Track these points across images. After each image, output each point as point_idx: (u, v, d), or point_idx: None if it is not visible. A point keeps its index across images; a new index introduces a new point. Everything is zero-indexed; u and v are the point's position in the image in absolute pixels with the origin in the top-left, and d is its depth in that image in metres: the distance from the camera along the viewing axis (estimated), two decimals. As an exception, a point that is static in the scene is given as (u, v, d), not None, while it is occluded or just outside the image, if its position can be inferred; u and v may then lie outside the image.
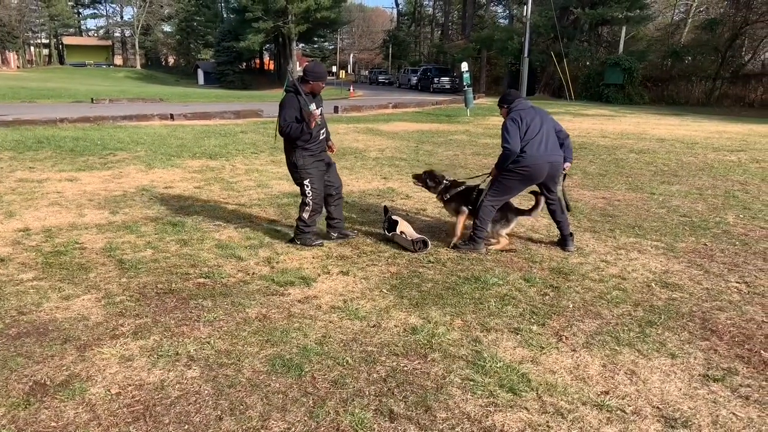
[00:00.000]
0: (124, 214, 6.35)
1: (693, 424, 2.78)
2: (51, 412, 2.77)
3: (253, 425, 2.70)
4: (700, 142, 13.79)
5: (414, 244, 5.21)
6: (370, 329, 3.71)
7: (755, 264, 5.16)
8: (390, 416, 2.78)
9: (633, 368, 3.30)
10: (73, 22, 77.30)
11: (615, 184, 8.68)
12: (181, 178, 8.33)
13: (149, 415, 2.76)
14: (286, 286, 4.40)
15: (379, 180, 8.58)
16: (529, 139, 4.92)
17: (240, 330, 3.65)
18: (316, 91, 5.10)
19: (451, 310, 4.03)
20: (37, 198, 6.94)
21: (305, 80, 5.03)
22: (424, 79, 45.95)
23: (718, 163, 10.72)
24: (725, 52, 34.10)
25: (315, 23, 52.65)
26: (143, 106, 21.80)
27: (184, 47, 74.66)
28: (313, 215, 5.24)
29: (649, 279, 4.73)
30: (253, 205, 6.88)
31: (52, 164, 9.08)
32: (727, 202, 7.56)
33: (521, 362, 3.33)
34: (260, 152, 10.88)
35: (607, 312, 4.06)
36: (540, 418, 2.80)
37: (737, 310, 4.16)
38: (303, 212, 5.24)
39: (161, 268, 4.71)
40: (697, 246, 5.65)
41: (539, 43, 38.26)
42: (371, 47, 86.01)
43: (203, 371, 3.15)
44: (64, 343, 3.42)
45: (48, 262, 4.77)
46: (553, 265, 5.02)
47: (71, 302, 4.01)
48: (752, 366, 3.36)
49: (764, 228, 6.35)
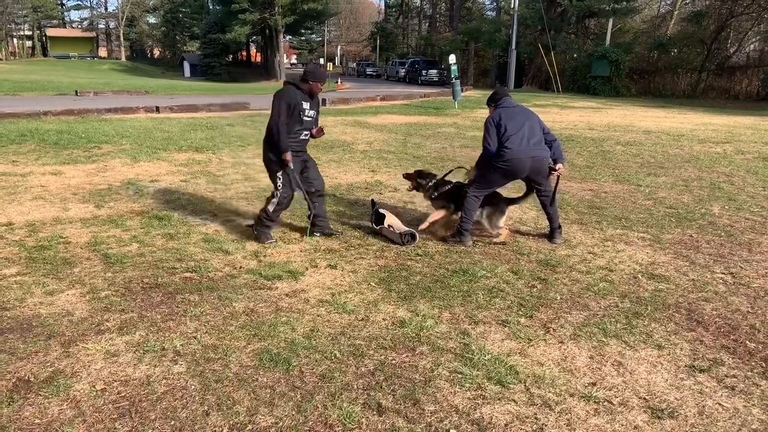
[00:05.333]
0: (109, 208, 6.28)
1: (679, 414, 2.80)
2: (35, 408, 2.73)
3: (241, 420, 2.68)
4: (686, 134, 13.88)
5: (402, 237, 5.20)
6: (358, 323, 3.70)
7: (740, 255, 5.20)
8: (378, 410, 2.78)
9: (620, 359, 3.32)
10: (57, 14, 76.01)
11: (602, 176, 8.71)
12: (167, 172, 8.25)
13: (135, 411, 2.74)
14: (274, 279, 4.38)
15: (367, 173, 8.55)
16: (510, 135, 4.96)
17: (227, 324, 3.62)
18: (314, 92, 5.09)
19: (439, 302, 4.03)
20: (20, 192, 6.84)
21: (305, 80, 5.01)
22: (412, 72, 45.84)
23: (703, 155, 10.80)
24: (711, 45, 34.33)
25: (302, 15, 52.24)
26: (128, 98, 21.56)
27: (170, 39, 73.85)
28: (278, 209, 5.16)
29: (636, 270, 4.75)
30: (240, 199, 6.84)
31: (36, 158, 8.96)
32: (712, 194, 7.62)
33: (509, 354, 3.33)
34: (247, 145, 10.80)
35: (594, 304, 4.08)
36: (528, 410, 2.81)
37: (723, 300, 4.19)
38: (269, 204, 5.16)
39: (147, 263, 4.67)
40: (683, 237, 5.69)
41: (527, 36, 38.34)
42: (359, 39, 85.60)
43: (190, 366, 3.12)
44: (48, 339, 3.38)
45: (31, 257, 4.71)
46: (541, 257, 5.03)
47: (55, 297, 3.96)
48: (738, 356, 3.39)
49: (749, 219, 6.40)
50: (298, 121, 4.97)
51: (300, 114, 4.95)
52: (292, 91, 4.95)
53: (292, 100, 4.90)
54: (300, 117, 4.96)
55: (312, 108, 5.08)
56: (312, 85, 5.02)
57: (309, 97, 5.05)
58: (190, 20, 67.26)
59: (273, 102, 4.93)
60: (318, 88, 5.08)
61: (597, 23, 39.12)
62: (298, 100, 4.92)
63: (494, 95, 5.39)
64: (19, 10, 68.15)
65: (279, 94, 4.94)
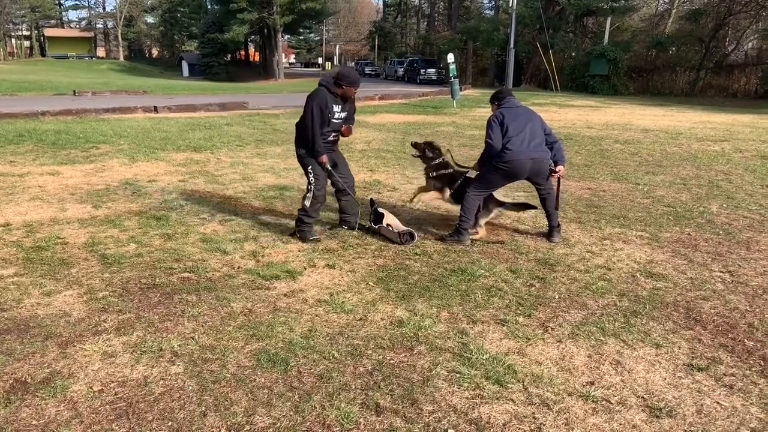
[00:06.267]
0: (107, 208, 6.27)
1: (678, 413, 2.80)
2: (32, 410, 2.72)
3: (238, 421, 2.68)
4: (684, 133, 13.88)
5: (400, 236, 5.19)
6: (357, 322, 3.70)
7: (738, 253, 5.20)
8: (376, 410, 2.77)
9: (618, 358, 3.31)
10: (55, 14, 75.98)
11: (600, 174, 8.71)
12: (165, 172, 8.24)
13: (132, 412, 2.73)
14: (272, 279, 4.37)
15: (366, 172, 8.54)
16: (512, 136, 4.98)
17: (225, 325, 3.61)
18: (348, 95, 5.10)
19: (437, 302, 4.02)
20: (17, 192, 6.83)
21: (338, 84, 5.00)
22: (410, 71, 45.79)
23: (702, 153, 10.80)
24: (709, 43, 34.33)
25: (300, 14, 52.20)
26: (127, 98, 21.51)
27: (168, 39, 73.79)
28: (315, 204, 5.20)
29: (634, 269, 4.75)
30: (239, 198, 6.83)
31: (34, 158, 8.95)
32: (710, 192, 7.62)
33: (507, 354, 3.33)
34: (246, 145, 10.80)
35: (592, 302, 4.08)
36: (526, 410, 2.80)
37: (721, 299, 4.19)
38: (305, 200, 5.24)
39: (145, 263, 4.66)
40: (681, 236, 5.69)
41: (525, 34, 38.31)
42: (357, 39, 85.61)
43: (187, 367, 3.11)
44: (45, 340, 3.37)
45: (29, 258, 4.70)
46: (539, 256, 5.03)
47: (53, 298, 3.95)
48: (736, 355, 3.39)
49: (747, 217, 6.40)
50: (327, 123, 5.03)
51: (329, 116, 5.01)
52: (323, 93, 4.97)
53: (322, 102, 4.94)
54: (329, 119, 5.01)
55: (343, 110, 5.12)
56: (346, 89, 5.03)
57: (342, 100, 5.07)
58: (188, 20, 67.21)
59: (306, 103, 5.01)
60: (351, 92, 5.10)
61: (595, 22, 39.11)
62: (328, 103, 4.95)
63: (498, 94, 5.41)
64: (17, 10, 68.11)
65: (312, 95, 5.00)
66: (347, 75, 5.06)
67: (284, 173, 8.24)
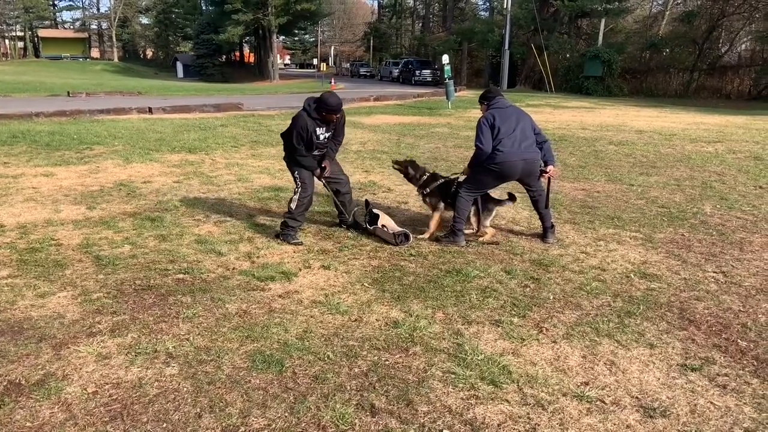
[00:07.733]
0: (102, 209, 6.25)
1: (671, 413, 2.81)
2: (26, 412, 2.72)
3: (233, 422, 2.67)
4: (677, 134, 13.93)
5: (395, 237, 5.20)
6: (352, 323, 3.70)
7: (732, 254, 5.23)
8: (371, 410, 2.78)
9: (612, 359, 3.33)
10: (49, 14, 75.57)
11: (594, 175, 8.74)
12: (159, 173, 8.22)
13: (127, 413, 2.72)
14: (267, 281, 4.37)
15: (361, 173, 8.55)
16: (503, 137, 4.95)
17: (220, 326, 3.61)
18: (328, 121, 5.13)
19: (432, 303, 4.03)
20: (11, 194, 6.80)
21: (319, 110, 5.02)
22: (405, 72, 45.87)
23: (695, 154, 10.85)
24: (702, 44, 34.47)
25: (295, 15, 52.22)
26: (121, 99, 21.46)
27: (163, 40, 73.65)
28: (300, 207, 5.22)
29: (628, 270, 4.77)
30: (233, 200, 6.82)
31: (27, 159, 8.91)
32: (704, 193, 7.66)
33: (502, 354, 3.34)
34: (240, 146, 10.79)
35: (586, 303, 4.09)
36: (521, 410, 2.81)
37: (714, 299, 4.21)
38: (291, 202, 5.26)
39: (139, 264, 4.65)
40: (675, 236, 5.72)
41: (519, 36, 38.43)
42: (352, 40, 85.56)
43: (182, 368, 3.11)
44: (39, 342, 3.36)
45: (23, 259, 4.68)
46: (534, 257, 5.04)
47: (47, 300, 3.94)
48: (729, 355, 3.41)
49: (741, 218, 6.43)
50: (310, 146, 5.11)
51: (314, 140, 5.08)
52: (304, 119, 5.00)
53: (302, 128, 4.99)
54: (312, 142, 5.08)
55: (328, 130, 5.18)
56: (326, 116, 5.05)
57: (325, 123, 5.10)
58: (183, 21, 67.11)
59: (290, 124, 5.12)
60: (332, 119, 5.11)
61: (589, 23, 39.21)
62: (308, 128, 5.00)
63: (487, 94, 5.34)
64: (10, 11, 67.71)
65: (294, 119, 5.07)
66: (327, 103, 4.98)
67: (279, 174, 8.23)
